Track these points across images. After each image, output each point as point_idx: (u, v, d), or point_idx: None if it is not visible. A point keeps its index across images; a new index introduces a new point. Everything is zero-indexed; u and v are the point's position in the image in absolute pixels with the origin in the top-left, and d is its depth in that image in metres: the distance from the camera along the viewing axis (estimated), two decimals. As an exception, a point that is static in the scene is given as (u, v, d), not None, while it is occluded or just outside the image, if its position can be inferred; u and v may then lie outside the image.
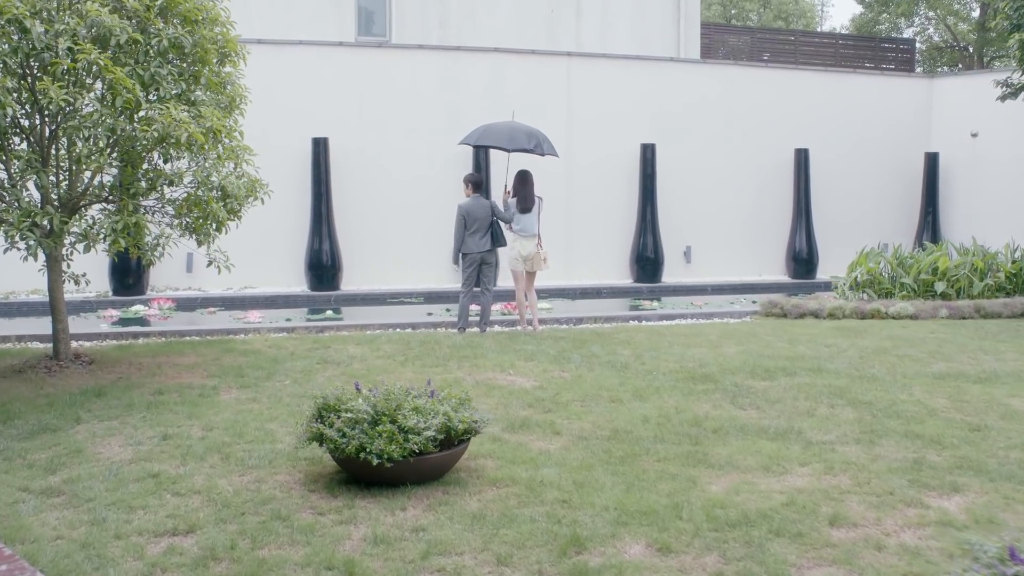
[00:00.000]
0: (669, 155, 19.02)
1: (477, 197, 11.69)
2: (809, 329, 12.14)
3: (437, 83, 17.88)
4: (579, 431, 6.85)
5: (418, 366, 9.11)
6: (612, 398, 7.87)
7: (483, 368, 9.02)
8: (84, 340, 11.12)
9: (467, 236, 11.61)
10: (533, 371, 8.94)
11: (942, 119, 21.33)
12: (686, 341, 10.96)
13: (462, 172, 17.65)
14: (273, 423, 6.99)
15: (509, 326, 12.64)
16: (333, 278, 16.87)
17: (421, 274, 17.76)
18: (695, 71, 19.84)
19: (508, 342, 10.61)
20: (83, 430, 6.85)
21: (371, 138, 17.51)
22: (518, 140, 11.93)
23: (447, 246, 17.93)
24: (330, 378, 8.53)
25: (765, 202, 20.22)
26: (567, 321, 13.27)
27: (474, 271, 11.66)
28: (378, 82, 17.56)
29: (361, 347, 10.23)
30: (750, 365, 9.35)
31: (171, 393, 7.97)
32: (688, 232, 19.58)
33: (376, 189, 17.56)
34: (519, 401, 7.70)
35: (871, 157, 21.06)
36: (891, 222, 21.34)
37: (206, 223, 8.93)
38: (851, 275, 15.08)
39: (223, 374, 8.71)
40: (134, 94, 7.70)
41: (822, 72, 21.22)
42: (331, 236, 16.90)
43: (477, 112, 17.76)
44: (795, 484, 5.71)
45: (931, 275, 14.74)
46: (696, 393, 8.10)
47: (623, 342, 10.78)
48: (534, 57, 18.53)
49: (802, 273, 20.01)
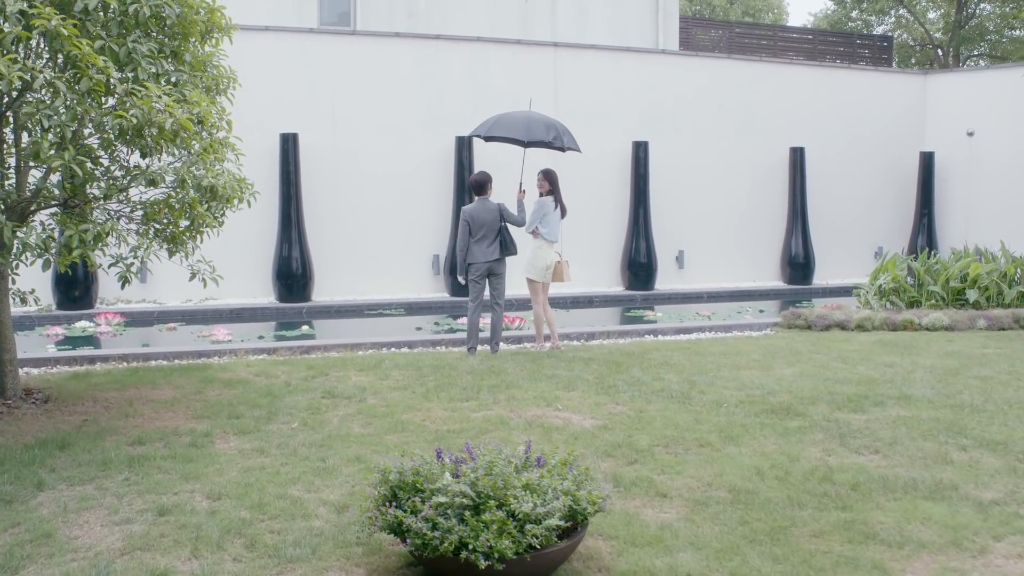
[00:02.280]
0: (660, 153, 17.78)
1: (483, 200, 10.24)
2: (849, 344, 10.97)
3: (415, 74, 16.38)
4: (688, 491, 5.47)
5: (445, 400, 7.65)
6: (698, 441, 6.51)
7: (524, 401, 7.60)
8: (31, 367, 9.45)
9: (472, 244, 10.17)
10: (584, 404, 7.55)
11: (937, 117, 20.43)
12: (729, 361, 9.69)
13: (443, 170, 16.23)
14: (296, 486, 5.49)
15: (515, 343, 11.23)
16: (304, 288, 15.27)
17: (400, 283, 16.25)
18: (686, 65, 18.62)
19: (533, 366, 9.22)
20: (48, 501, 5.27)
21: (344, 133, 15.95)
22: (535, 131, 10.49)
23: (427, 251, 16.54)
24: (346, 418, 7.04)
25: (759, 203, 19.09)
26: (577, 337, 11.90)
27: (482, 283, 10.23)
28: (351, 73, 16.01)
29: (365, 374, 8.73)
30: (823, 392, 8.11)
31: (154, 442, 6.40)
32: (680, 236, 18.36)
33: (350, 189, 16.00)
34: (591, 448, 6.29)
35: (865, 156, 20.07)
36: (885, 224, 20.39)
37: (189, 230, 7.38)
38: (875, 283, 13.95)
39: (212, 414, 7.16)
40: (106, 74, 6.13)
41: (816, 67, 20.18)
42: (301, 242, 15.31)
43: (458, 105, 16.36)
44: (1010, 569, 4.40)
45: (960, 282, 13.66)
46: (791, 433, 6.78)
47: (662, 364, 9.46)
48: (519, 47, 17.13)
49: (798, 279, 18.92)
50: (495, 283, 10.30)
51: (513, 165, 10.90)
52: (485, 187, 10.26)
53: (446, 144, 16.33)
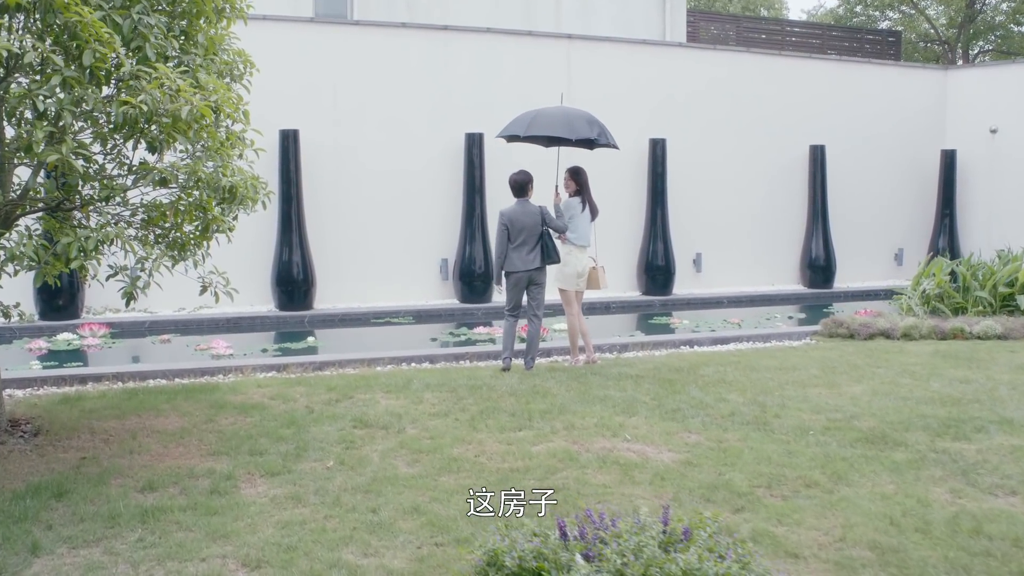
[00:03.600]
0: (677, 151, 16.89)
1: (523, 202, 9.30)
2: (906, 356, 10.14)
3: (422, 67, 15.41)
4: (820, 549, 4.57)
5: (495, 429, 6.71)
6: (803, 480, 5.61)
7: (585, 431, 6.68)
8: (14, 388, 8.44)
9: (511, 250, 9.23)
10: (653, 433, 6.64)
11: (958, 114, 19.64)
12: (788, 378, 8.83)
13: (452, 168, 15.29)
14: (348, 549, 4.54)
15: (544, 356, 10.31)
16: (305, 295, 14.28)
17: (407, 289, 15.28)
18: (703, 58, 17.74)
19: (578, 385, 8.30)
20: (47, 571, 4.31)
21: (347, 130, 14.96)
22: (578, 128, 9.53)
23: (435, 255, 15.57)
24: (388, 454, 6.09)
25: (778, 203, 18.24)
26: (609, 348, 11.00)
27: (519, 292, 9.29)
28: (354, 66, 15.03)
29: (395, 397, 7.78)
30: (910, 415, 7.27)
31: (168, 487, 5.43)
32: (698, 237, 17.48)
33: (353, 189, 15.02)
34: (683, 490, 5.38)
35: (884, 154, 19.26)
36: (905, 225, 19.59)
37: (199, 236, 6.41)
38: (918, 288, 13.11)
39: (230, 449, 6.19)
40: (111, 48, 5.17)
41: (834, 62, 19.32)
42: (303, 246, 14.31)
43: (467, 100, 15.44)
44: None
45: (1008, 287, 12.85)
46: (902, 468, 5.89)
47: (718, 381, 8.58)
48: (531, 39, 16.19)
49: (819, 282, 18.07)
50: (534, 292, 9.37)
51: (529, 164, 9.91)
52: (526, 188, 9.33)
53: (455, 141, 15.39)
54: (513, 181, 9.35)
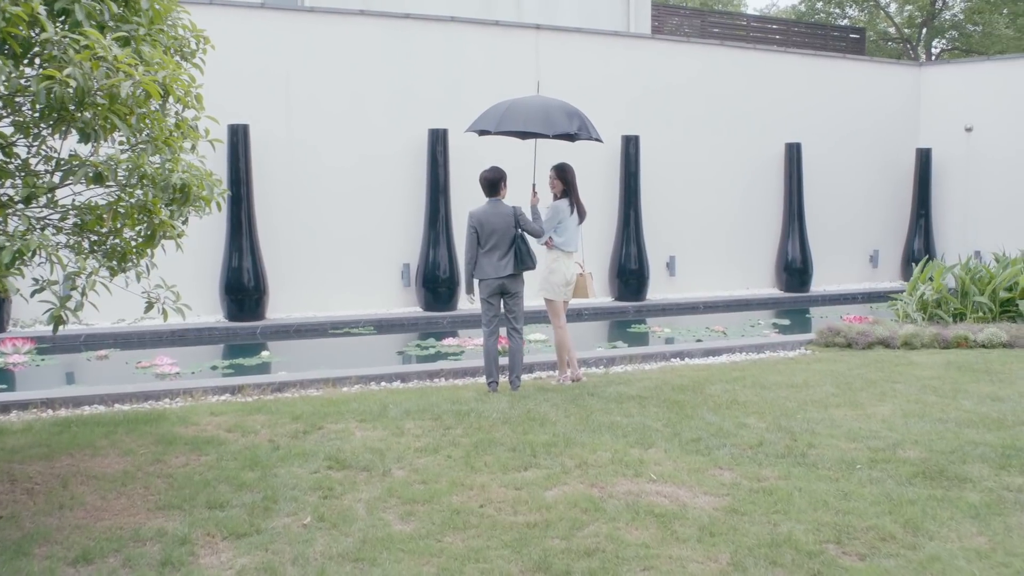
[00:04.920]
0: (650, 149, 16.05)
1: (495, 202, 8.35)
2: (919, 369, 9.42)
3: (382, 58, 14.35)
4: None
5: (496, 468, 5.73)
6: (875, 532, 4.72)
7: (601, 469, 5.73)
8: (-75, 419, 7.27)
9: (481, 256, 8.27)
10: (680, 471, 5.71)
11: (933, 112, 19.08)
12: (804, 396, 8.01)
13: (414, 166, 14.29)
14: (343, 646, 3.53)
15: (524, 371, 9.35)
16: (257, 304, 13.14)
17: (366, 296, 14.21)
18: (678, 51, 16.91)
19: (577, 408, 7.38)
20: None
21: (301, 125, 13.86)
22: (556, 121, 8.58)
23: (397, 260, 14.52)
24: (375, 505, 5.08)
25: (753, 204, 17.49)
26: (595, 362, 10.10)
27: (495, 302, 8.33)
28: (309, 55, 13.92)
29: (371, 427, 6.77)
30: (957, 441, 6.47)
31: (107, 557, 4.37)
32: (671, 240, 16.65)
33: (309, 189, 13.91)
34: (742, 551, 4.45)
35: (860, 153, 18.63)
36: (881, 226, 18.99)
37: (148, 244, 5.34)
38: (916, 293, 12.39)
39: (184, 500, 5.13)
40: (27, 7, 4.11)
41: (810, 56, 18.62)
42: (254, 250, 13.17)
43: (430, 93, 14.47)
44: None
45: (1008, 292, 12.19)
46: (983, 512, 5.04)
47: (729, 403, 7.71)
48: (498, 29, 15.22)
49: (795, 286, 17.36)
50: (511, 304, 8.42)
51: (501, 161, 8.94)
52: (498, 186, 8.37)
53: (417, 137, 14.37)
54: (484, 179, 8.39)
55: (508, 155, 10.20)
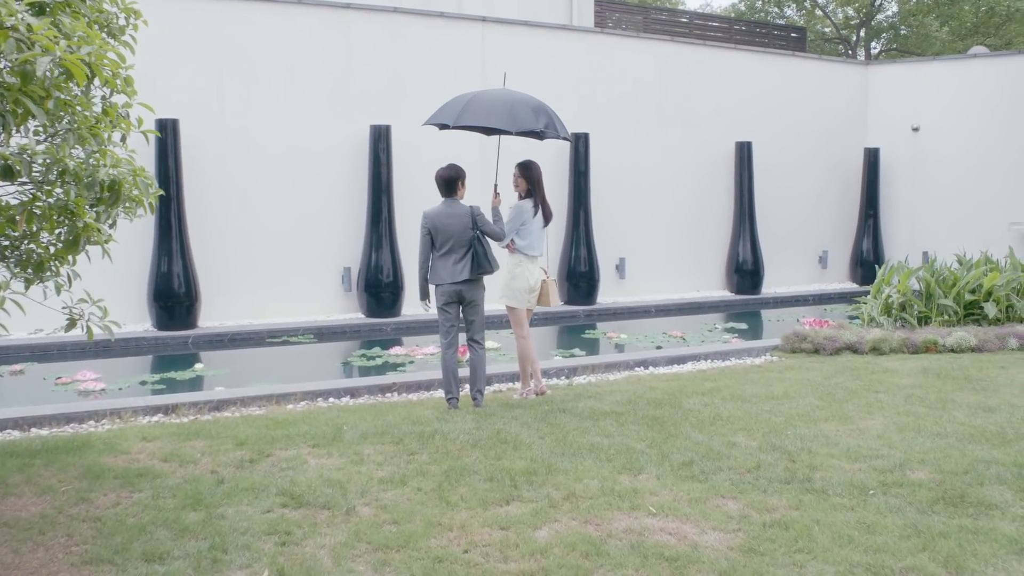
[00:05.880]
0: (600, 147, 15.50)
1: (451, 202, 7.66)
2: (896, 377, 9.06)
3: (321, 50, 13.56)
4: None
5: (474, 502, 5.07)
6: (917, 574, 4.17)
7: (591, 500, 5.11)
8: None
9: (435, 260, 7.60)
10: (680, 502, 5.12)
11: (880, 111, 18.90)
12: (787, 409, 7.53)
13: (355, 165, 13.55)
14: None
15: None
16: (189, 312, 12.26)
17: (305, 303, 13.40)
18: (628, 47, 16.39)
19: (549, 428, 6.76)
20: None
21: (235, 121, 13.00)
22: (521, 117, 7.90)
23: (337, 264, 13.74)
24: (342, 553, 4.39)
25: (704, 203, 17.09)
26: (556, 373, 9.51)
27: (453, 311, 7.66)
28: (243, 47, 13.06)
29: (327, 453, 6.06)
30: (964, 460, 6.00)
31: (21, 631, 3.62)
32: (621, 241, 16.15)
33: (243, 189, 13.07)
34: (774, 605, 3.87)
35: (809, 152, 18.37)
36: (830, 227, 18.75)
37: (69, 250, 4.58)
38: (880, 296, 12.02)
39: (115, 552, 4.37)
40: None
41: (760, 54, 18.26)
42: (184, 254, 12.29)
43: (372, 88, 13.77)
44: None
45: (972, 294, 11.90)
46: (1019, 548, 4.53)
47: (712, 419, 7.16)
48: (443, 21, 14.52)
49: (747, 288, 17.00)
50: (469, 312, 7.75)
51: (458, 160, 8.29)
52: (455, 185, 7.69)
53: (359, 134, 13.61)
54: (440, 177, 7.71)
55: (464, 152, 9.54)
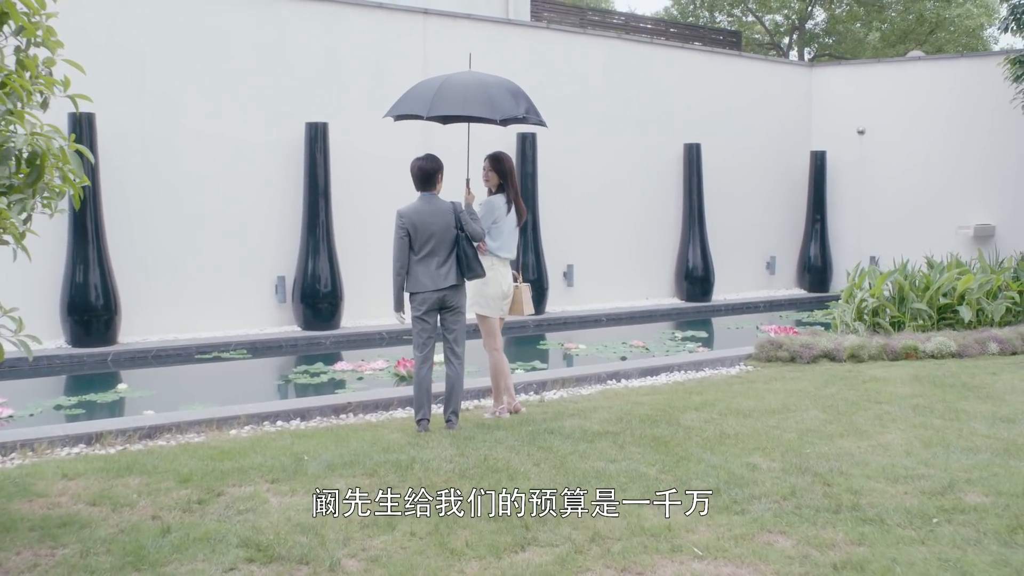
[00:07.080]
0: (546, 149, 14.73)
1: (430, 197, 6.77)
2: (890, 385, 8.54)
3: (252, 41, 12.50)
4: None
5: (484, 550, 4.19)
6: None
7: (622, 543, 4.27)
8: None
9: (415, 264, 6.69)
10: (723, 539, 4.33)
11: (824, 114, 18.52)
12: (794, 424, 6.88)
13: (290, 165, 12.58)
14: None
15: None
16: (108, 326, 11.08)
17: (236, 315, 12.30)
18: (574, 43, 15.65)
19: (541, 452, 5.94)
20: None
21: (157, 117, 11.85)
22: (501, 104, 7.02)
23: (270, 273, 12.67)
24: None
25: (653, 207, 16.44)
26: (524, 388, 8.66)
27: (432, 320, 6.76)
28: (167, 38, 11.93)
29: (289, 490, 5.11)
30: (1016, 481, 5.31)
31: None
32: (568, 247, 15.38)
33: (167, 191, 11.92)
34: None
35: (758, 155, 17.87)
36: (778, 231, 18.28)
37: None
38: (853, 301, 11.48)
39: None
40: None
41: (707, 53, 17.72)
42: (102, 262, 11.10)
43: (307, 82, 12.84)
44: None
45: (945, 298, 11.43)
46: None
47: (718, 437, 6.44)
48: (382, 13, 13.58)
49: (697, 295, 16.39)
50: (450, 322, 6.84)
51: (402, 156, 7.39)
52: (434, 179, 6.80)
53: (293, 132, 12.59)
54: (417, 169, 6.79)
55: (404, 147, 8.62)
